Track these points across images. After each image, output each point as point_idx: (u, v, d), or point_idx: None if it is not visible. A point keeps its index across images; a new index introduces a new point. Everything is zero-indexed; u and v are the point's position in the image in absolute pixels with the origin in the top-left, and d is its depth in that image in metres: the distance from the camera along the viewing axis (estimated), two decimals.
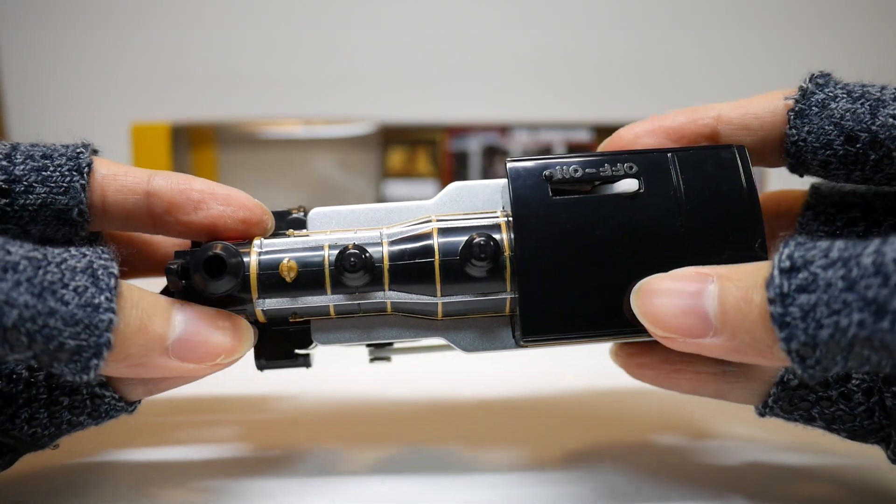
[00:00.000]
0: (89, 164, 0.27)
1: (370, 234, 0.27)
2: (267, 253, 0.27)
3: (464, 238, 0.26)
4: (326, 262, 0.26)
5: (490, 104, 0.90)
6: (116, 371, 0.24)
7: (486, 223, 0.27)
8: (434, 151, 0.81)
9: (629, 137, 0.29)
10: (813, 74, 0.28)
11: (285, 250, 0.27)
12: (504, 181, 0.28)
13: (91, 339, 0.22)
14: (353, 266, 0.25)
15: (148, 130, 0.80)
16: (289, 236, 0.28)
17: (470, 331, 0.28)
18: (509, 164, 0.26)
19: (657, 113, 0.29)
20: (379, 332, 0.28)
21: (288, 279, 0.26)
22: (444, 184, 0.80)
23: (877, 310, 0.19)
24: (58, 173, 0.27)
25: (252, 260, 0.26)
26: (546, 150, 0.82)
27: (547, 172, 0.26)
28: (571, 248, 0.26)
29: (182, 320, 0.25)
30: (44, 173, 0.26)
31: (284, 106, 0.89)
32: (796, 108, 0.27)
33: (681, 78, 0.93)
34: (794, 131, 0.27)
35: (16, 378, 0.26)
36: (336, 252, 0.26)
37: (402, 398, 0.40)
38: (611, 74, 0.92)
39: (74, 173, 0.27)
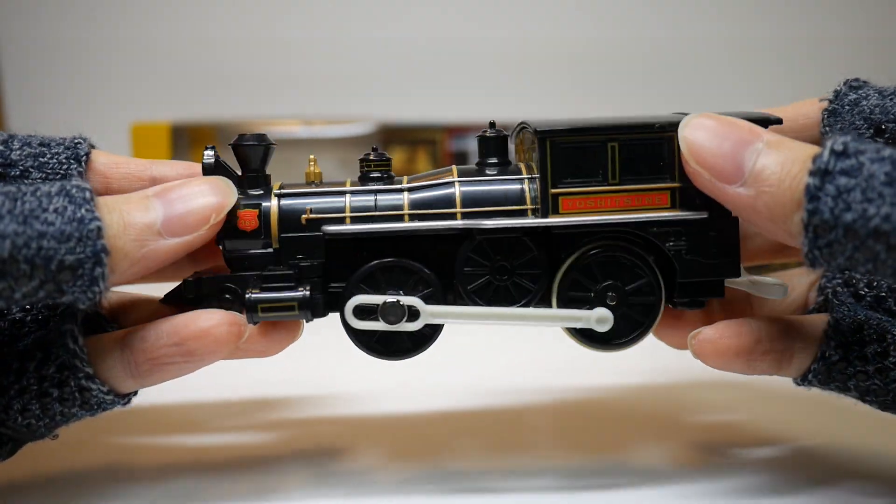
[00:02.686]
0: (87, 154, 0.28)
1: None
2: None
3: None
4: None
5: (490, 104, 0.90)
6: (126, 276, 0.25)
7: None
8: (434, 151, 0.81)
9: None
10: (848, 80, 0.29)
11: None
12: None
13: (87, 249, 0.22)
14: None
15: (148, 130, 0.80)
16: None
17: None
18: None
19: (655, 112, 0.29)
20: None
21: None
22: None
23: None
24: (55, 160, 0.27)
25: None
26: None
27: None
28: None
29: (160, 203, 0.26)
30: (41, 160, 0.27)
31: (284, 106, 0.89)
32: (830, 108, 0.28)
33: (681, 77, 0.92)
34: (827, 129, 0.28)
35: (6, 368, 0.26)
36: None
37: (420, 410, 0.39)
38: (611, 74, 0.92)
39: (72, 161, 0.28)
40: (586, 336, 0.28)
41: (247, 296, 0.27)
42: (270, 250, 0.28)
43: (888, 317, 0.28)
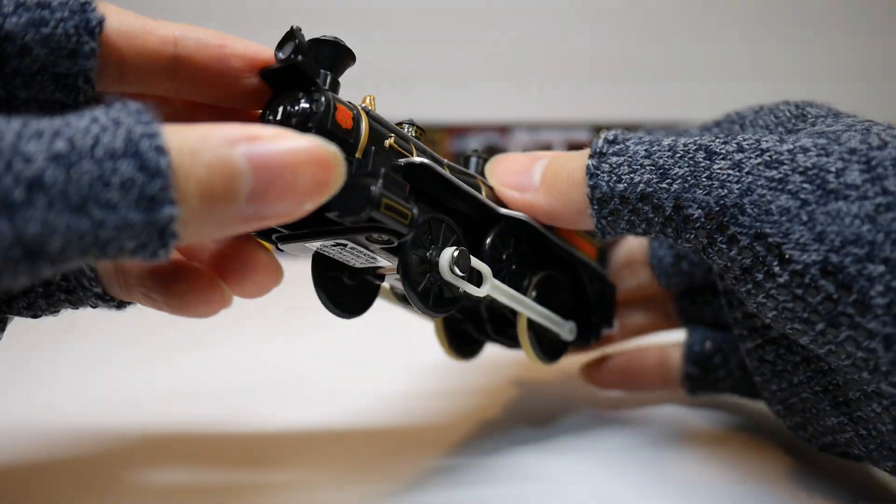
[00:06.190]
0: (100, 22, 0.22)
1: None
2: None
3: None
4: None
5: (490, 104, 0.90)
6: (194, 241, 0.21)
7: None
8: (434, 151, 0.81)
9: None
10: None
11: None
12: None
13: (155, 241, 0.18)
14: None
15: None
16: None
17: None
18: None
19: (654, 112, 0.30)
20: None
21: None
22: None
23: (662, 173, 0.26)
24: (61, 30, 0.21)
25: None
26: (546, 150, 0.82)
27: None
28: None
29: (250, 170, 0.19)
30: (43, 30, 0.21)
31: None
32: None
33: (679, 78, 0.92)
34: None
35: None
36: None
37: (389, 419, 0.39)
38: (611, 74, 0.92)
39: (83, 33, 0.22)
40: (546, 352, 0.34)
41: (372, 187, 0.22)
42: (352, 159, 0.24)
43: (725, 332, 0.36)
